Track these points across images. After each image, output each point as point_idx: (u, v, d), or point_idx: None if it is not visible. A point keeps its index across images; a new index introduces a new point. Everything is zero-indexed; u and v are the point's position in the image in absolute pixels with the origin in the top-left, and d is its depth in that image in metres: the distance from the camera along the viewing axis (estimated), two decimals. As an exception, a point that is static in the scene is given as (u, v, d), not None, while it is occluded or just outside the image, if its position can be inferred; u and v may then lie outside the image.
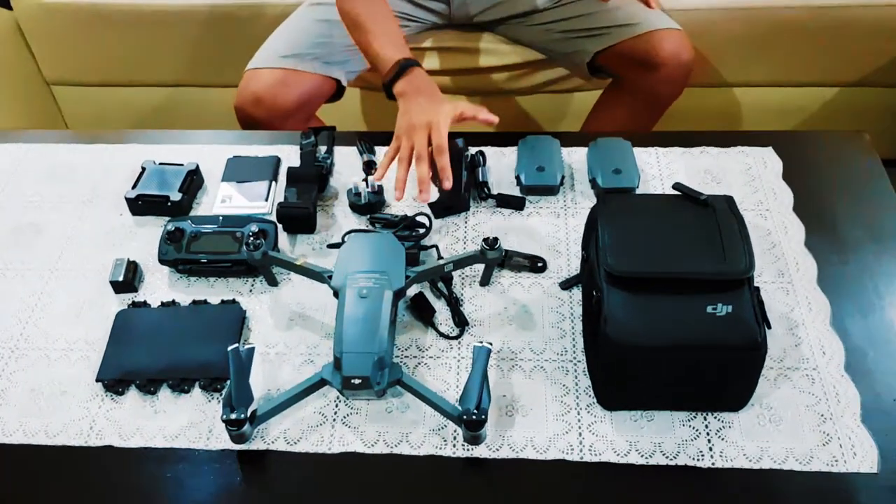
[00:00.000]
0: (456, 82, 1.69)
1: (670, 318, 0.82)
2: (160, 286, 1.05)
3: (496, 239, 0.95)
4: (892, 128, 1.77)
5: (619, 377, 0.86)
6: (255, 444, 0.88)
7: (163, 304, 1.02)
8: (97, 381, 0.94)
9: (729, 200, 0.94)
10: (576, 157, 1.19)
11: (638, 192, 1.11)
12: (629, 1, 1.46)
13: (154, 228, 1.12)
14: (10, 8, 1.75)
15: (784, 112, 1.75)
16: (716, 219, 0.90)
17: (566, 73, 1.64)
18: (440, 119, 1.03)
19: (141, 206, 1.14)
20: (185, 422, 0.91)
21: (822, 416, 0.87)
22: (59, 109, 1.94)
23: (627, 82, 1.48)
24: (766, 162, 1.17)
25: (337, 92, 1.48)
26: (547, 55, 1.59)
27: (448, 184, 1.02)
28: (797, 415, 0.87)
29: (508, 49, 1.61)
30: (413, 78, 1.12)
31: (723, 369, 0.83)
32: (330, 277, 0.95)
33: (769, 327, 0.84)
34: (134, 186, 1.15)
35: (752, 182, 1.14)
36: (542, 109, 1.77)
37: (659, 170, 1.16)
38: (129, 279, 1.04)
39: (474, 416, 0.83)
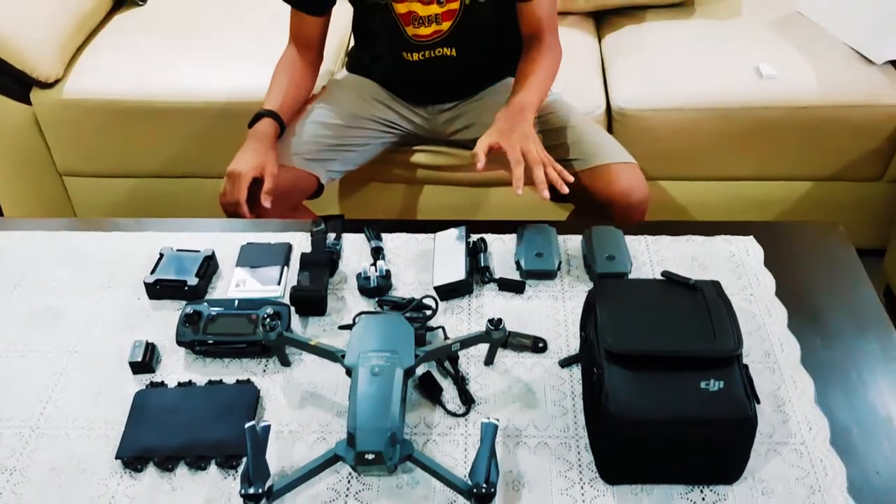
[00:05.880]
0: (446, 177, 1.79)
1: (667, 394, 0.88)
2: (177, 367, 1.10)
3: (500, 319, 1.02)
4: (864, 219, 1.88)
5: (620, 450, 0.91)
6: (271, 520, 0.91)
7: (179, 384, 1.07)
8: (116, 458, 0.97)
9: (716, 285, 1.01)
10: (571, 245, 1.26)
11: (630, 276, 1.18)
12: (587, 134, 1.50)
13: (171, 312, 1.17)
14: (29, 103, 1.84)
15: (764, 203, 1.86)
16: (705, 301, 0.97)
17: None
18: None
19: (159, 290, 1.19)
20: (202, 499, 0.94)
21: (811, 487, 0.92)
22: (68, 198, 2.01)
23: (585, 213, 1.56)
24: (749, 250, 1.25)
25: (318, 190, 1.57)
26: None
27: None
28: (788, 487, 0.92)
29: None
30: (257, 126, 1.45)
31: (717, 441, 0.88)
32: (343, 356, 1.00)
33: (758, 402, 0.90)
34: (152, 272, 1.21)
35: (736, 269, 1.21)
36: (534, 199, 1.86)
37: (649, 256, 1.23)
38: (147, 360, 1.08)
39: (484, 489, 0.87)
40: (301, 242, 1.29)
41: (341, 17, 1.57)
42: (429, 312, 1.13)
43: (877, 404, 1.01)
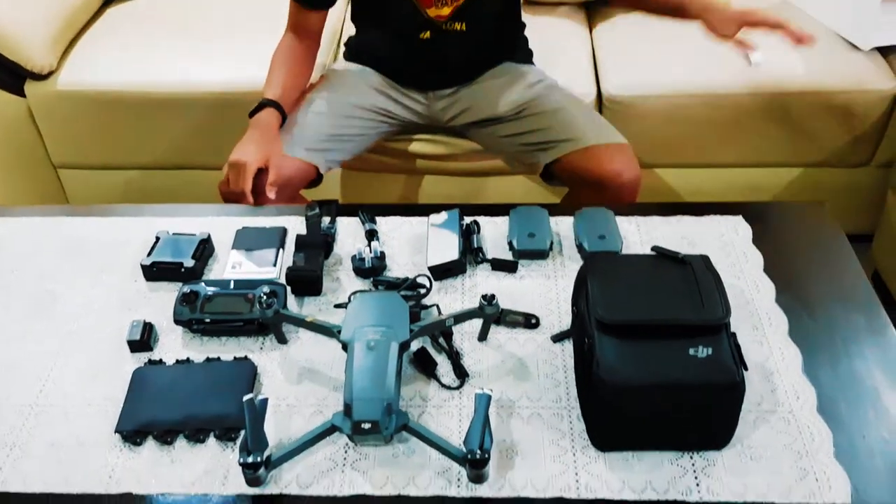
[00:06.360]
0: (444, 166, 1.81)
1: (656, 361, 0.89)
2: (174, 346, 1.11)
3: (493, 295, 1.03)
4: (852, 205, 1.91)
5: (610, 417, 0.92)
6: (269, 489, 0.92)
7: (178, 361, 1.08)
8: (116, 432, 0.99)
9: (705, 258, 1.03)
10: (563, 226, 1.28)
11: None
12: (581, 115, 1.56)
13: (167, 293, 1.18)
14: (23, 95, 1.85)
15: (753, 190, 1.88)
16: (693, 274, 0.99)
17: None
18: None
19: (155, 272, 1.21)
20: (200, 469, 0.95)
21: (798, 453, 0.94)
22: (63, 190, 2.02)
23: (579, 194, 1.59)
24: (737, 229, 1.27)
25: (316, 179, 1.58)
26: (510, 164, 1.72)
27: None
28: (776, 452, 0.94)
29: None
30: (260, 115, 1.45)
31: (705, 407, 0.90)
32: (339, 332, 1.02)
33: (746, 369, 0.92)
34: (149, 254, 1.22)
35: (725, 247, 1.23)
36: (522, 187, 1.88)
37: (640, 236, 1.25)
38: (144, 339, 1.10)
39: (478, 455, 0.89)
40: (296, 226, 1.31)
41: (333, 7, 1.58)
42: (423, 291, 1.15)
43: (863, 373, 1.03)
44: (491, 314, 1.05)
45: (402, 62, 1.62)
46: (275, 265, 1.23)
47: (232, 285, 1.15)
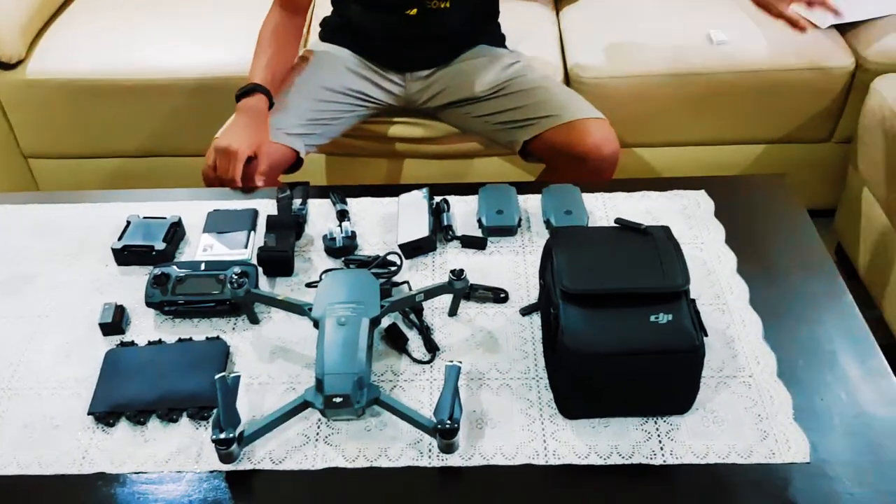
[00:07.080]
0: (423, 150, 1.82)
1: (619, 328, 0.92)
2: (146, 328, 1.12)
3: (462, 270, 1.05)
4: (814, 180, 1.95)
5: (576, 384, 0.95)
6: (242, 465, 0.94)
7: (150, 343, 1.09)
8: (89, 414, 1.00)
9: (666, 229, 1.05)
10: (531, 203, 1.30)
11: (587, 230, 1.22)
12: (558, 92, 1.59)
13: (139, 277, 1.19)
14: (-10, 85, 1.84)
15: (718, 167, 1.92)
16: (655, 244, 1.01)
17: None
18: None
19: (126, 256, 1.21)
20: (174, 448, 0.96)
21: (759, 416, 0.97)
22: (34, 180, 2.01)
23: (557, 170, 1.61)
24: (700, 202, 1.29)
25: (296, 163, 1.59)
26: (486, 144, 1.73)
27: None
28: (737, 416, 0.97)
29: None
30: (249, 100, 1.42)
31: (667, 371, 0.93)
32: (310, 309, 1.03)
33: (706, 335, 0.94)
34: (120, 238, 1.23)
35: (688, 220, 1.26)
36: (498, 169, 1.90)
37: (605, 211, 1.28)
38: (116, 321, 1.10)
39: (448, 425, 0.90)
40: (267, 208, 1.32)
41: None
42: (394, 268, 1.16)
43: (821, 339, 1.06)
44: (460, 288, 1.06)
45: (385, 40, 1.63)
46: (246, 247, 1.23)
47: (203, 267, 1.16)
